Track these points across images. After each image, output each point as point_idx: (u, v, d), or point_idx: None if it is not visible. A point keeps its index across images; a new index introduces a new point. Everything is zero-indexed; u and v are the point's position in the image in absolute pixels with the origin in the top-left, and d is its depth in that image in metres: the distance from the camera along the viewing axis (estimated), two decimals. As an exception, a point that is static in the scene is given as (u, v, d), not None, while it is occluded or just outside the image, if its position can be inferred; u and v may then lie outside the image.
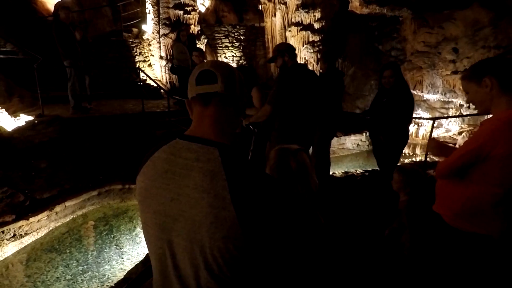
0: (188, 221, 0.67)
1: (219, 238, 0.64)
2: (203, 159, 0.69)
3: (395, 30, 7.40)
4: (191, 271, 0.69)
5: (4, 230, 3.14)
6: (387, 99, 2.95)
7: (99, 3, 8.81)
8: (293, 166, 1.12)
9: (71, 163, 4.41)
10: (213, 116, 0.76)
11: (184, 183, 0.69)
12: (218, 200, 0.64)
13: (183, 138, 0.75)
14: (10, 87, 5.63)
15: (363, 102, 7.55)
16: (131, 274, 2.51)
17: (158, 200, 0.73)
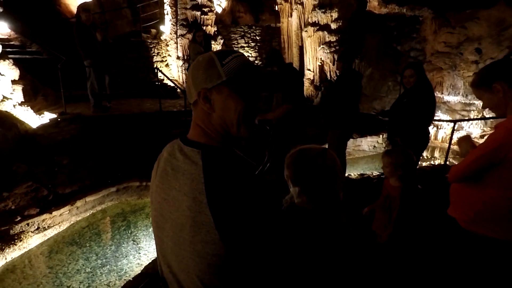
0: (173, 223, 0.68)
1: (198, 242, 0.63)
2: (188, 162, 0.69)
3: (415, 30, 7.22)
4: (178, 273, 0.70)
5: (29, 222, 3.28)
6: (407, 99, 2.89)
7: (119, 4, 9.05)
8: (325, 167, 1.05)
9: (91, 160, 4.55)
10: (197, 118, 0.75)
11: (172, 184, 0.70)
12: (196, 204, 0.63)
13: (182, 138, 0.76)
14: (35, 86, 5.88)
15: (380, 103, 7.42)
16: (148, 269, 2.57)
17: (155, 198, 0.76)
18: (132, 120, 5.52)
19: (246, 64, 0.73)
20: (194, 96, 0.74)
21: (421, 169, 4.59)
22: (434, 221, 2.90)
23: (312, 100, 7.72)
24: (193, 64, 0.76)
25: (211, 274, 0.64)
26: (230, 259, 0.63)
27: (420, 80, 2.81)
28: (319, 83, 7.64)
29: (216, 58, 0.72)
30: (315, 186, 1.08)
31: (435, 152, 6.60)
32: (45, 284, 2.77)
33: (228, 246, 0.62)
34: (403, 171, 1.87)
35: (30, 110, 5.23)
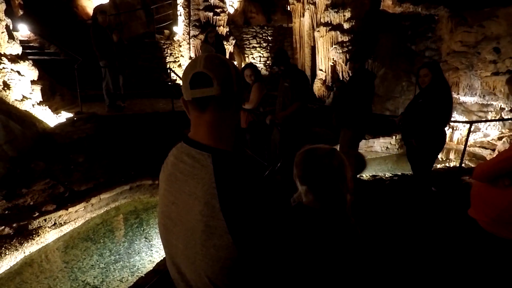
0: (184, 227, 0.68)
1: (211, 246, 0.63)
2: (197, 166, 0.68)
3: (430, 29, 7.07)
4: (188, 274, 0.70)
5: (46, 218, 3.39)
6: (423, 99, 2.83)
7: (133, 6, 9.22)
8: (332, 167, 1.04)
9: (106, 158, 4.66)
10: (210, 122, 0.71)
11: (182, 188, 0.69)
12: (208, 209, 0.63)
13: (186, 141, 0.74)
14: (53, 86, 6.06)
15: (394, 104, 7.30)
16: (160, 266, 2.62)
17: (163, 201, 0.75)
18: (145, 120, 5.61)
19: None
20: (235, 90, 0.73)
21: (436, 171, 4.50)
22: (448, 223, 2.85)
23: (324, 100, 7.66)
24: (231, 63, 0.76)
25: (223, 275, 0.64)
26: (242, 262, 0.63)
27: (436, 79, 2.76)
28: (331, 83, 7.58)
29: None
30: (321, 185, 1.08)
31: (450, 154, 6.45)
32: (61, 278, 2.85)
33: (241, 250, 0.62)
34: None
35: (48, 110, 5.39)
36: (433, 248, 2.49)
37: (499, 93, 5.98)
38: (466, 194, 3.65)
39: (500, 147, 5.66)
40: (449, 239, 2.61)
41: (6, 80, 4.80)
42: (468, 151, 6.01)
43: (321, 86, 7.76)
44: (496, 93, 6.08)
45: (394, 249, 2.43)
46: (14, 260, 2.93)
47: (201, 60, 0.70)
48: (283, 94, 3.19)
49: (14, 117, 4.50)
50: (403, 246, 2.49)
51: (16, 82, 4.96)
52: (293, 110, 3.12)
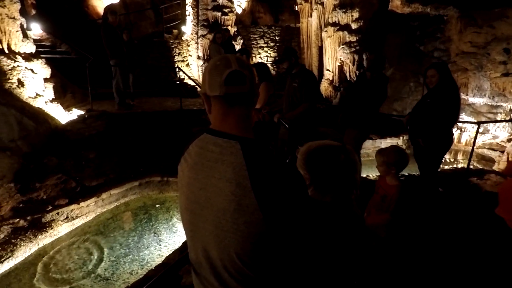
0: (213, 208, 0.74)
1: (242, 223, 0.70)
2: (226, 152, 0.75)
3: (439, 29, 7.03)
4: (216, 253, 0.76)
5: (59, 212, 3.49)
6: (430, 99, 2.85)
7: (143, 6, 9.34)
8: (344, 162, 1.07)
9: (116, 155, 4.75)
10: (239, 115, 0.79)
11: (211, 174, 0.76)
12: (240, 189, 0.70)
13: (210, 132, 0.81)
14: (64, 84, 6.19)
15: (401, 104, 7.28)
16: (168, 260, 2.68)
17: (189, 188, 0.81)
18: (154, 118, 5.70)
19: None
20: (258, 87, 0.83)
21: (442, 172, 4.48)
22: (455, 224, 2.86)
23: (331, 100, 7.67)
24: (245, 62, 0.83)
25: (251, 251, 0.71)
26: (269, 238, 0.70)
27: (444, 80, 2.77)
28: (338, 83, 7.59)
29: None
30: (331, 179, 1.12)
31: (458, 156, 6.40)
32: (73, 270, 2.93)
33: (270, 226, 0.69)
34: (396, 170, 1.88)
35: (59, 107, 5.52)
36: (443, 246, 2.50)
37: (508, 94, 5.93)
38: (473, 195, 3.65)
39: (509, 149, 5.61)
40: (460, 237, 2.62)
41: (20, 78, 4.92)
42: (476, 153, 5.96)
43: (328, 86, 7.77)
44: (505, 95, 6.02)
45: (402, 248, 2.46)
46: (28, 251, 3.03)
47: (234, 60, 0.78)
48: (292, 93, 3.22)
49: (28, 114, 4.63)
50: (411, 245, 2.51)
51: (30, 80, 5.09)
52: (301, 111, 3.16)
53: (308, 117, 3.21)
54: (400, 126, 6.35)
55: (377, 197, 1.95)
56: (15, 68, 4.87)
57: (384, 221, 1.87)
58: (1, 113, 4.22)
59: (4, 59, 4.74)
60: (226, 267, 0.75)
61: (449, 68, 3.09)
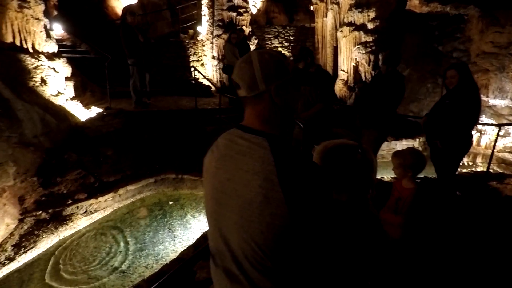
0: (240, 199, 0.78)
1: (267, 214, 0.73)
2: (255, 147, 0.79)
3: (459, 29, 6.86)
4: (238, 242, 0.79)
5: (78, 206, 3.61)
6: (449, 100, 2.79)
7: (160, 6, 9.51)
8: (360, 162, 1.08)
9: (132, 152, 4.87)
10: (266, 113, 0.84)
11: (239, 166, 0.79)
12: (267, 182, 0.73)
13: (239, 127, 0.86)
14: (84, 83, 6.38)
15: (418, 106, 7.15)
16: (183, 255, 2.74)
17: (217, 179, 0.85)
18: (169, 116, 5.80)
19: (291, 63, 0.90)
20: (261, 88, 0.83)
21: (460, 176, 4.38)
22: (472, 228, 2.79)
23: (345, 101, 7.60)
24: (262, 59, 0.84)
25: (273, 242, 0.74)
26: (291, 231, 0.74)
27: (464, 81, 2.71)
28: (353, 84, 7.51)
29: (282, 58, 0.85)
30: (350, 179, 1.13)
31: (477, 159, 6.23)
32: (91, 261, 3.04)
33: (294, 219, 0.73)
34: (413, 172, 1.86)
35: (79, 105, 5.69)
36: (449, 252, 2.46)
37: (532, 96, 5.73)
38: (492, 200, 3.55)
39: (531, 153, 5.42)
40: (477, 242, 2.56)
41: (43, 76, 5.11)
42: (496, 156, 5.78)
43: (342, 86, 7.70)
44: (528, 97, 5.83)
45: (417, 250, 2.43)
46: (50, 242, 3.16)
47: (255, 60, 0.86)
48: (307, 93, 3.23)
49: (50, 111, 4.80)
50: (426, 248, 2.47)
51: (52, 79, 5.27)
52: (316, 111, 3.16)
53: (323, 117, 3.21)
54: (416, 127, 6.24)
55: (392, 199, 1.94)
56: (38, 67, 5.06)
57: (396, 222, 1.86)
58: (25, 110, 4.40)
59: (28, 58, 4.94)
60: (247, 257, 0.78)
61: (469, 68, 3.02)
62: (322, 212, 0.77)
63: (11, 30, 4.79)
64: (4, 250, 2.96)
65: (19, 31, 4.91)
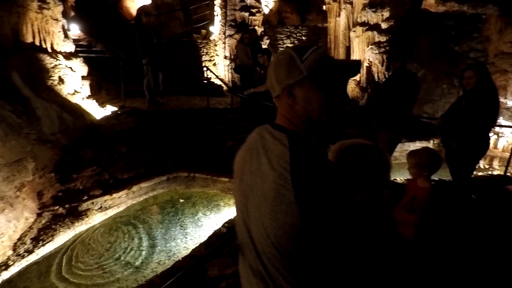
0: (258, 192, 0.79)
1: (279, 212, 0.73)
2: (277, 143, 0.79)
3: (476, 29, 6.69)
4: (257, 236, 0.80)
5: (94, 201, 3.70)
6: (466, 101, 2.74)
7: (173, 7, 9.64)
8: (376, 162, 1.08)
9: (145, 150, 4.96)
10: (285, 111, 0.85)
11: (262, 160, 0.81)
12: (281, 179, 0.73)
13: (271, 123, 0.87)
14: (99, 82, 6.52)
15: (433, 107, 7.00)
16: (195, 252, 2.78)
17: (243, 171, 0.87)
18: (182, 115, 5.87)
19: (323, 57, 0.82)
20: (277, 90, 0.84)
21: (476, 179, 4.28)
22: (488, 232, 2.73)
23: (357, 101, 7.52)
24: (276, 62, 0.85)
25: (286, 240, 0.73)
26: (306, 232, 0.71)
27: (482, 82, 2.65)
28: (365, 84, 7.43)
29: (296, 55, 0.81)
30: (366, 179, 1.13)
31: (494, 162, 6.07)
32: (106, 257, 3.11)
33: (305, 220, 0.71)
34: (429, 172, 1.84)
35: (95, 103, 5.83)
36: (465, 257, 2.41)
37: (553, 98, 5.54)
38: (509, 204, 3.46)
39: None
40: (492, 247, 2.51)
41: (61, 75, 5.26)
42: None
43: (355, 87, 7.63)
44: (549, 98, 5.64)
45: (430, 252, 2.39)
46: (66, 237, 3.25)
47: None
48: None
49: (67, 109, 4.94)
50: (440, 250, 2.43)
51: (69, 78, 5.41)
52: None
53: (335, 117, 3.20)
54: (430, 129, 6.11)
55: (406, 199, 1.92)
56: (56, 66, 5.20)
57: (410, 221, 1.85)
58: (44, 108, 4.54)
59: (47, 58, 5.09)
60: (265, 252, 0.78)
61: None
62: (338, 217, 0.73)
63: (31, 30, 4.95)
64: (24, 242, 3.07)
65: (39, 31, 5.06)
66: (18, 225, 3.21)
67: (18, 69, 4.55)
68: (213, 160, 4.84)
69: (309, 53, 0.81)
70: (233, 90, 7.15)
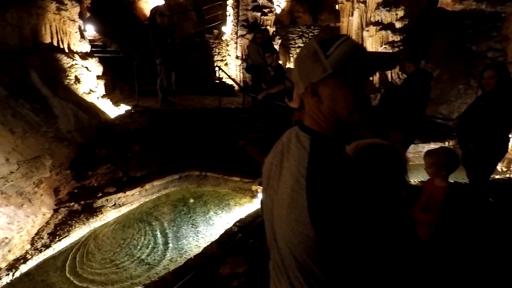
0: (279, 197, 0.76)
1: (293, 219, 0.68)
2: (299, 146, 0.74)
3: (495, 28, 6.50)
4: (279, 240, 0.77)
5: (108, 199, 3.78)
6: (485, 102, 2.66)
7: (186, 7, 9.74)
8: (394, 162, 1.06)
9: (158, 149, 5.02)
10: (311, 111, 0.78)
11: (285, 164, 0.77)
12: (297, 185, 0.68)
13: (300, 125, 0.81)
14: (114, 81, 6.65)
15: (448, 108, 6.84)
16: (207, 251, 2.79)
17: (271, 175, 0.83)
18: (194, 115, 5.93)
19: (352, 51, 0.71)
20: (301, 88, 0.77)
21: (494, 182, 4.16)
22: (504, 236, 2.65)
23: (370, 102, 7.43)
24: (298, 57, 0.78)
25: (301, 249, 0.68)
26: (321, 244, 0.65)
27: (503, 82, 2.57)
28: (378, 84, 7.32)
29: (320, 50, 0.72)
30: (383, 179, 1.11)
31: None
32: (119, 253, 3.17)
33: (319, 231, 0.64)
34: (447, 171, 1.81)
35: (109, 102, 5.94)
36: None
37: None
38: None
39: None
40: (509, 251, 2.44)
41: (77, 75, 5.38)
42: (534, 163, 5.44)
43: (367, 87, 7.53)
44: None
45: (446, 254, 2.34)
46: (82, 232, 3.33)
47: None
48: None
49: (83, 108, 5.05)
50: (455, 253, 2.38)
51: (85, 77, 5.54)
52: None
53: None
54: (445, 130, 5.98)
55: (423, 199, 1.90)
56: (73, 66, 5.33)
57: (426, 221, 1.82)
58: (61, 106, 4.66)
59: (64, 58, 5.22)
60: (286, 258, 0.75)
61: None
62: (365, 227, 0.65)
63: (49, 31, 5.09)
64: (41, 237, 3.15)
65: (57, 32, 5.20)
66: (36, 220, 3.31)
67: (37, 68, 4.69)
68: (224, 159, 4.87)
69: (335, 46, 0.71)
70: (244, 90, 7.17)
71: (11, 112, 3.95)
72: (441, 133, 6.07)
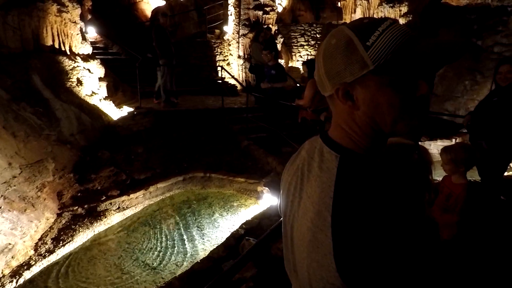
0: (296, 224, 0.61)
1: (314, 260, 0.52)
2: (324, 167, 0.58)
3: (501, 22, 6.39)
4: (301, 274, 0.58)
5: (112, 202, 3.73)
6: (499, 98, 2.58)
7: (187, 7, 9.68)
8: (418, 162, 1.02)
9: (161, 150, 4.97)
10: (340, 119, 0.61)
11: (305, 187, 0.61)
12: (319, 219, 0.53)
13: (323, 135, 0.63)
14: (116, 83, 6.61)
15: (454, 104, 6.74)
16: (213, 254, 2.74)
17: (286, 193, 0.69)
18: (196, 115, 5.88)
19: (401, 39, 0.52)
20: (329, 89, 0.59)
21: (506, 179, 4.06)
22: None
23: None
24: (324, 50, 0.58)
25: None
26: None
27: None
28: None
29: (357, 39, 0.53)
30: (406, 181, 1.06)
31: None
32: (124, 257, 3.12)
33: (347, 280, 0.48)
34: (465, 168, 1.76)
35: (112, 104, 5.90)
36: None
37: None
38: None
39: None
40: None
41: (79, 77, 5.35)
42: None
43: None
44: None
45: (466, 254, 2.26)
46: (86, 237, 3.28)
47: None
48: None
49: (85, 110, 5.01)
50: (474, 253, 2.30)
51: (87, 79, 5.50)
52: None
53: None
54: (452, 127, 5.89)
55: (441, 197, 1.83)
56: (75, 68, 5.29)
57: (451, 221, 1.75)
58: (63, 109, 4.61)
59: (66, 60, 5.18)
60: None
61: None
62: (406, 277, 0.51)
63: (51, 33, 5.05)
64: (45, 243, 3.11)
65: (58, 34, 5.16)
66: (39, 225, 3.26)
67: (39, 71, 4.65)
68: (228, 160, 4.81)
69: (378, 33, 0.52)
70: (247, 90, 7.11)
71: (13, 115, 3.92)
72: (447, 130, 5.97)
